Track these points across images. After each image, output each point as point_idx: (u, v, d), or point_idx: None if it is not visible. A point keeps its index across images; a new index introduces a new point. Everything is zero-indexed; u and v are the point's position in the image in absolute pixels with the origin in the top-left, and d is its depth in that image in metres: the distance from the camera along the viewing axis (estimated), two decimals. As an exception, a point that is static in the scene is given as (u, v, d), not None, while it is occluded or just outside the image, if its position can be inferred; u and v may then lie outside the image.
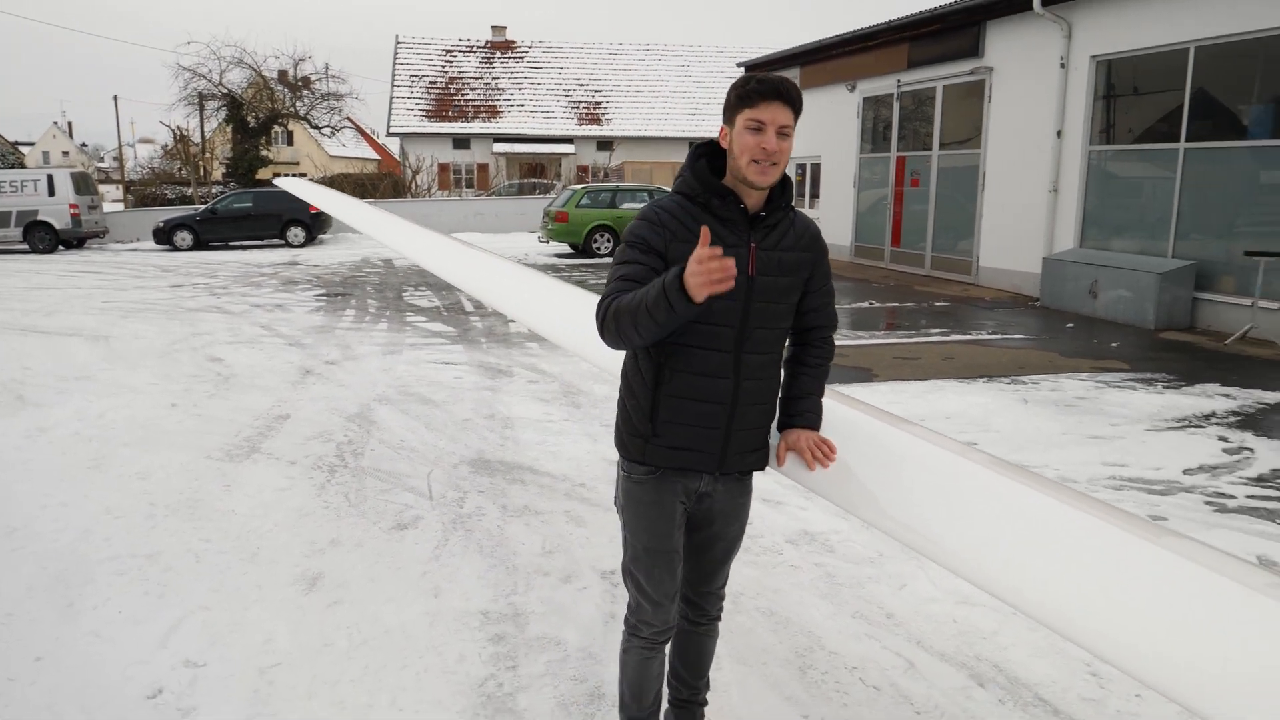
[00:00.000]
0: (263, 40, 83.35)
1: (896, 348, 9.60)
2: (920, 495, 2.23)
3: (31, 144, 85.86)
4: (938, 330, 10.67)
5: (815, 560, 4.18)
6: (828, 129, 19.14)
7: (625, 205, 20.62)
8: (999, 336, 10.28)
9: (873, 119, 17.85)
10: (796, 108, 2.16)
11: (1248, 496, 5.20)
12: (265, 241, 23.44)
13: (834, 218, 19.15)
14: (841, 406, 2.50)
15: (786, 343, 2.43)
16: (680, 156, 35.86)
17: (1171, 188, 11.42)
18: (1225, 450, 6.07)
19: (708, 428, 2.26)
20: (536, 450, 5.79)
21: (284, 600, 3.69)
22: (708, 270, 1.88)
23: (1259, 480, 5.49)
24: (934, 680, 3.20)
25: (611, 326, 2.11)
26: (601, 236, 20.34)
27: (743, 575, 3.95)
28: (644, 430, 2.30)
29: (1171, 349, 9.65)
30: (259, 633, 3.42)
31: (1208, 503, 5.09)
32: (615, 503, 2.47)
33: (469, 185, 36.59)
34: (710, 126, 36.09)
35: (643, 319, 2.02)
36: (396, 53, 39.15)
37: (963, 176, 15.33)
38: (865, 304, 12.96)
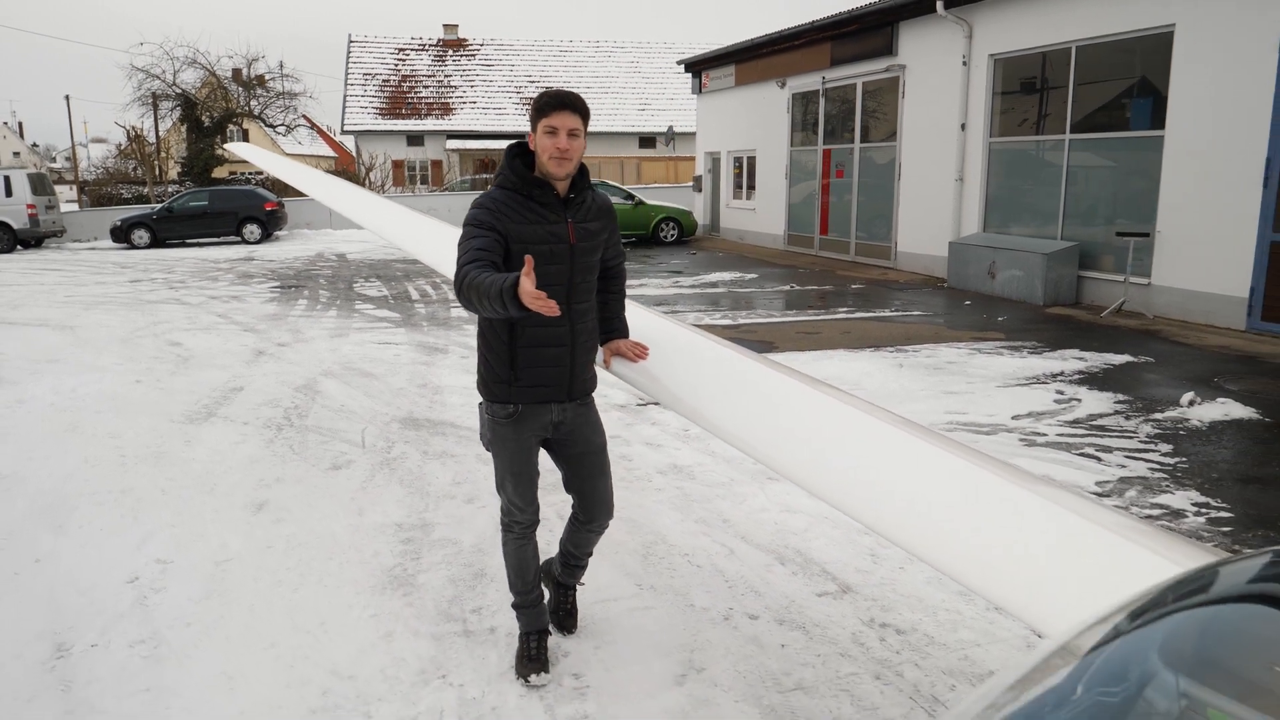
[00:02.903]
0: (216, 40, 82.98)
1: (802, 324, 10.58)
2: (708, 386, 3.06)
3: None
4: (845, 309, 11.67)
5: (677, 485, 5.10)
6: (761, 124, 20.14)
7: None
8: (899, 314, 11.30)
9: (802, 114, 18.85)
10: (582, 112, 2.89)
11: (1057, 435, 6.20)
12: (222, 239, 23.98)
13: (768, 208, 20.16)
14: (659, 320, 3.41)
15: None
16: (630, 152, 36.74)
17: (1059, 175, 12.52)
18: (1056, 401, 7.09)
19: (557, 366, 2.99)
20: (460, 410, 6.67)
21: (236, 519, 4.55)
22: (538, 305, 2.41)
23: (1074, 423, 6.50)
24: (746, 561, 4.13)
25: (465, 296, 2.62)
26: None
27: (616, 496, 4.85)
28: (506, 376, 2.95)
29: (1051, 321, 10.72)
30: (215, 540, 4.28)
31: (1021, 439, 6.09)
32: (482, 438, 3.17)
33: (423, 181, 37.22)
34: (659, 121, 36.98)
35: (484, 304, 2.56)
36: (350, 51, 39.62)
37: (882, 168, 16.38)
38: (787, 287, 13.94)
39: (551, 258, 2.87)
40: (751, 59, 20.27)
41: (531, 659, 3.18)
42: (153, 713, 2.93)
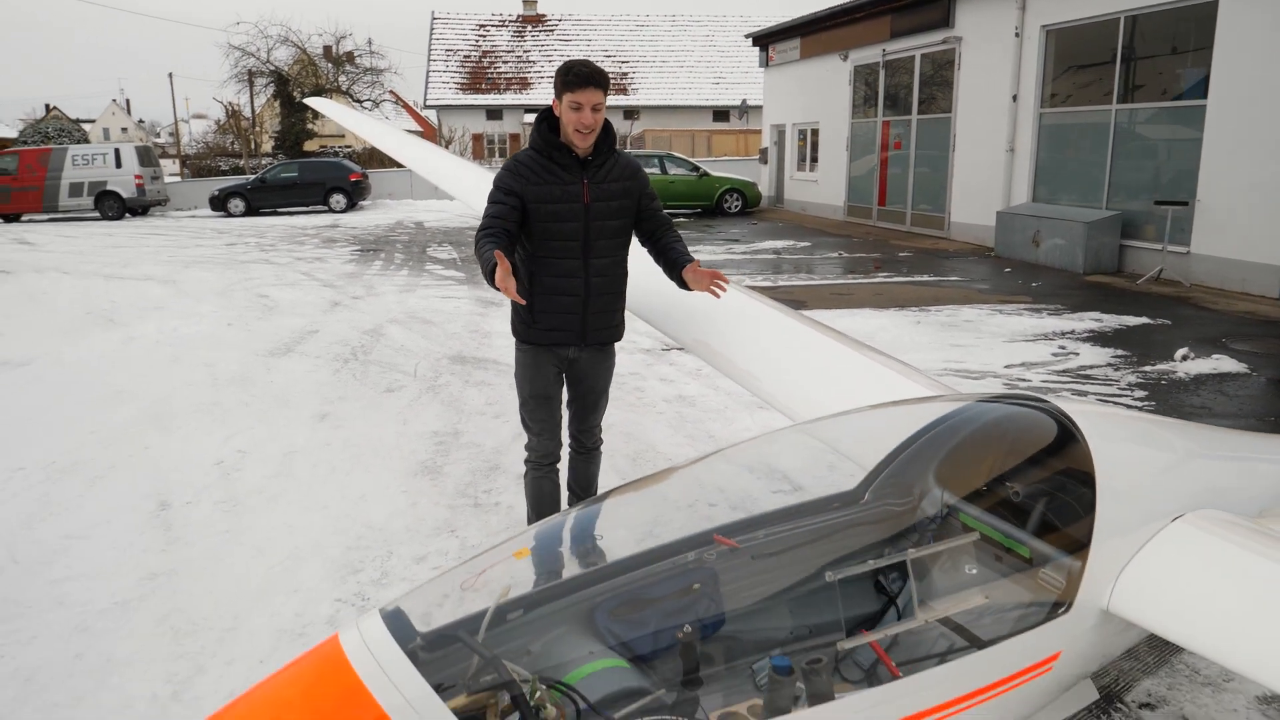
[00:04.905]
0: (307, 18, 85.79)
1: (838, 287, 11.15)
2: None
3: (92, 121, 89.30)
4: (885, 274, 12.17)
5: (677, 410, 5.85)
6: (824, 97, 20.49)
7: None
8: (936, 278, 11.75)
9: (863, 87, 19.17)
10: (605, 87, 3.12)
11: (1041, 381, 6.72)
12: (310, 207, 25.41)
13: (829, 180, 20.55)
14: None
15: (632, 247, 3.42)
16: (703, 125, 37.16)
17: (1106, 145, 12.73)
18: (1054, 354, 7.57)
19: (569, 313, 3.28)
20: (504, 351, 7.51)
21: (303, 425, 5.49)
22: (504, 288, 2.83)
23: (1063, 372, 7.00)
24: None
25: (476, 259, 3.11)
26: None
27: (622, 416, 5.62)
28: (526, 319, 3.31)
29: (1085, 288, 11.03)
30: (285, 439, 5.22)
31: (1005, 384, 6.64)
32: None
33: (501, 155, 38.35)
34: (733, 95, 37.36)
35: (481, 271, 3.00)
36: (432, 28, 40.89)
37: (938, 139, 16.66)
38: (836, 254, 14.45)
39: (567, 216, 3.20)
40: (815, 32, 20.61)
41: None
42: (229, 546, 3.84)
